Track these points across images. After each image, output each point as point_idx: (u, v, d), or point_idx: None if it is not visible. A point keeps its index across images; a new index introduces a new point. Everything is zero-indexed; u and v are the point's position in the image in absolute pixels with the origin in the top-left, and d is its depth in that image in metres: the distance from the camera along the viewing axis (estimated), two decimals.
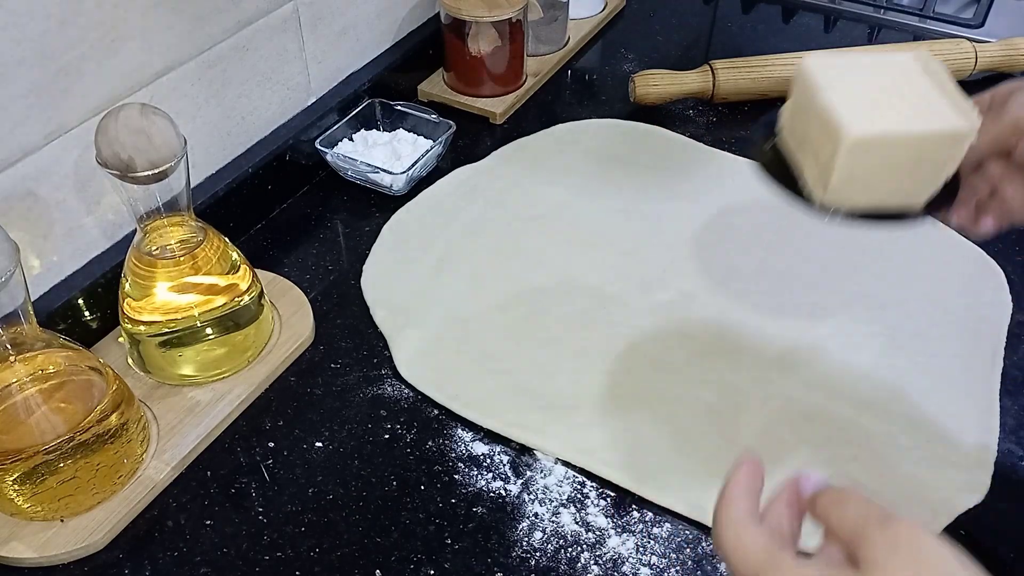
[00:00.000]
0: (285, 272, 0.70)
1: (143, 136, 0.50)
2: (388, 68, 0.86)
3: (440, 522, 0.54)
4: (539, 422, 0.59)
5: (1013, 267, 0.71)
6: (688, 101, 0.90)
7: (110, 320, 0.64)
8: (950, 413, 0.60)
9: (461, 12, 0.82)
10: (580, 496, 0.56)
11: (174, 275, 0.57)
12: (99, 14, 0.57)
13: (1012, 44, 0.92)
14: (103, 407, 0.52)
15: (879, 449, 0.58)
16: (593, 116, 0.88)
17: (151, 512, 0.55)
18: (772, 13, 1.07)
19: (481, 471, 0.57)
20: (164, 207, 0.55)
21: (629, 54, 0.98)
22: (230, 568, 0.52)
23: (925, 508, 0.55)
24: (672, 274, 0.70)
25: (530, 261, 0.72)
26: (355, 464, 0.58)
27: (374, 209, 0.77)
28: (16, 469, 0.50)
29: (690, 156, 0.83)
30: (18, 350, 0.50)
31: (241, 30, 0.69)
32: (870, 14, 1.05)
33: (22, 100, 0.55)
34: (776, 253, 0.72)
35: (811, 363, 0.63)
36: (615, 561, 0.52)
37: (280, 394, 0.62)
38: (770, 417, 0.60)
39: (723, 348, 0.65)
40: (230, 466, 0.57)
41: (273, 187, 0.76)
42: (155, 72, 0.63)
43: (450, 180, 0.80)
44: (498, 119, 0.87)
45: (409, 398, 0.62)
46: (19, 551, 0.51)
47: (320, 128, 0.78)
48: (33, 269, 0.59)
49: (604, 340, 0.65)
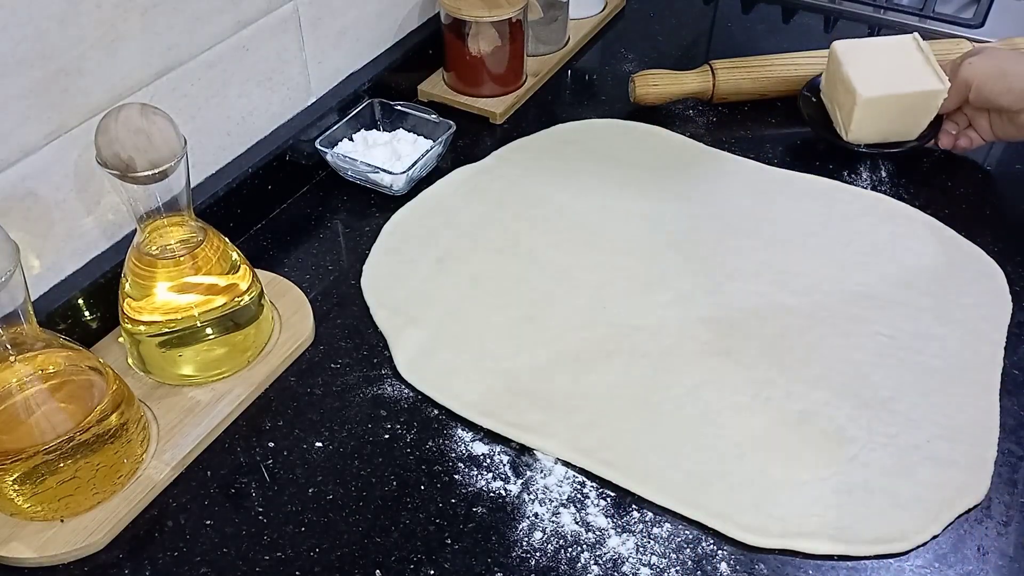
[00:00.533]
0: (285, 272, 0.70)
1: (143, 136, 0.50)
2: (388, 68, 0.86)
3: (440, 522, 0.54)
4: (539, 422, 0.59)
5: (1013, 267, 0.71)
6: (688, 101, 0.90)
7: (110, 320, 0.64)
8: (950, 413, 0.60)
9: (461, 12, 0.82)
10: (580, 496, 0.56)
11: (174, 275, 0.57)
12: (99, 14, 0.57)
13: (1012, 44, 0.91)
14: (103, 407, 0.52)
15: (879, 449, 0.58)
16: (593, 116, 0.88)
17: (151, 512, 0.55)
18: (772, 13, 1.07)
19: (481, 471, 0.57)
20: (164, 207, 0.55)
21: (629, 54, 0.98)
22: (230, 568, 0.52)
23: (925, 508, 0.55)
24: (672, 274, 0.70)
25: (530, 261, 0.72)
26: (355, 464, 0.58)
27: (374, 209, 0.77)
28: (16, 469, 0.50)
29: (690, 156, 0.83)
30: (18, 350, 0.50)
31: (241, 30, 0.69)
32: (870, 14, 1.05)
33: (22, 100, 0.55)
34: (776, 253, 0.72)
35: (811, 363, 0.63)
36: (615, 561, 0.52)
37: (280, 394, 0.62)
38: (770, 417, 0.60)
39: (723, 348, 0.65)
40: (230, 466, 0.57)
41: (273, 187, 0.76)
42: (155, 72, 0.63)
43: (450, 180, 0.80)
44: (498, 119, 0.87)
45: (409, 398, 0.62)
46: (19, 551, 0.51)
47: (320, 128, 0.78)
48: (33, 269, 0.59)
49: (604, 340, 0.65)
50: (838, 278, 0.70)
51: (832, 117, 0.82)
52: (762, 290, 0.69)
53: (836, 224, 0.75)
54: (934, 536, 0.54)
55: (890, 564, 0.53)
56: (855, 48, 0.80)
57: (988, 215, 0.77)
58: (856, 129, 0.78)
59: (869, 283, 0.70)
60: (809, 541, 0.53)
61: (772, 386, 0.62)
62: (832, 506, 0.55)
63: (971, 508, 0.55)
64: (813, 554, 0.53)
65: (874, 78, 0.76)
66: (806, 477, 0.56)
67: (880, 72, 0.77)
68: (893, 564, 0.53)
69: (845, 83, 0.77)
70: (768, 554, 0.53)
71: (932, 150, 0.84)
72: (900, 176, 0.81)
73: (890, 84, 0.77)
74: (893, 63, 0.78)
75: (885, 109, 0.77)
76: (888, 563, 0.53)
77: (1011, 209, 0.78)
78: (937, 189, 0.80)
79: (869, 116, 0.77)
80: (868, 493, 0.55)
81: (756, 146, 0.85)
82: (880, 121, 0.78)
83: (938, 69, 0.77)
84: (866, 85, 0.76)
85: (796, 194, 0.78)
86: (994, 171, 0.82)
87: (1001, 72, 0.73)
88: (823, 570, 0.52)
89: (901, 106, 0.77)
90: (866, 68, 0.77)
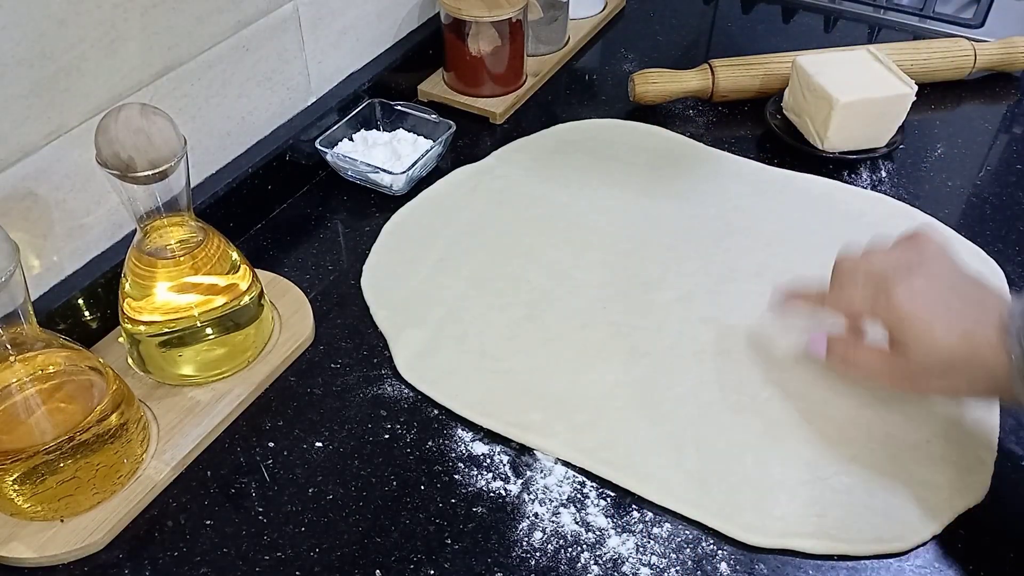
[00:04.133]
0: (285, 272, 0.70)
1: (143, 136, 0.50)
2: (388, 68, 0.86)
3: (440, 522, 0.54)
4: (539, 422, 0.59)
5: (1013, 267, 0.71)
6: (688, 101, 0.90)
7: (110, 320, 0.64)
8: (950, 413, 0.60)
9: (461, 12, 0.82)
10: (580, 496, 0.56)
11: (174, 275, 0.57)
12: (99, 14, 0.57)
13: (1011, 43, 0.92)
14: (103, 407, 0.52)
15: (879, 449, 0.58)
16: (593, 116, 0.88)
17: (151, 512, 0.55)
18: (772, 13, 1.07)
19: (481, 471, 0.57)
20: (164, 207, 0.54)
21: (629, 54, 0.98)
22: (230, 568, 0.52)
23: (925, 508, 0.55)
24: (672, 274, 0.70)
25: (530, 261, 0.72)
26: (355, 464, 0.58)
27: (374, 209, 0.77)
28: (16, 469, 0.50)
29: (690, 156, 0.83)
30: (18, 350, 0.50)
31: (241, 30, 0.69)
32: (870, 14, 1.05)
33: (22, 100, 0.55)
34: (776, 253, 0.72)
35: (811, 363, 0.63)
36: (615, 561, 0.52)
37: (280, 394, 0.62)
38: (770, 417, 0.60)
39: (723, 348, 0.65)
40: (230, 466, 0.57)
41: (273, 187, 0.76)
42: (155, 72, 0.63)
43: (450, 180, 0.80)
44: (498, 119, 0.87)
45: (409, 398, 0.62)
46: (19, 551, 0.51)
47: (320, 128, 0.78)
48: (33, 269, 0.59)
49: (604, 340, 0.65)
50: None
51: (803, 130, 0.83)
52: (762, 290, 0.69)
53: (836, 224, 0.75)
54: (934, 536, 0.54)
55: (890, 564, 0.53)
56: (818, 61, 0.81)
57: (988, 215, 0.77)
58: (833, 136, 0.79)
59: None
60: (809, 541, 0.53)
61: (772, 386, 0.62)
62: (832, 506, 0.55)
63: (971, 508, 0.55)
64: (813, 554, 0.53)
65: (845, 85, 0.78)
66: (806, 477, 0.56)
67: (849, 80, 0.79)
68: (893, 564, 0.53)
69: (818, 92, 0.79)
70: (768, 554, 0.53)
71: (932, 150, 0.84)
72: (900, 176, 0.81)
73: (862, 90, 0.78)
74: (857, 73, 0.81)
75: (859, 114, 0.78)
76: (888, 563, 0.53)
77: (1011, 209, 0.78)
78: (937, 189, 0.80)
79: (845, 122, 0.78)
80: (868, 493, 0.55)
81: (756, 146, 0.85)
82: (854, 127, 0.79)
83: (902, 75, 0.80)
84: (840, 91, 0.77)
85: (796, 194, 0.79)
86: (994, 171, 0.82)
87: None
88: (823, 570, 0.52)
89: (874, 111, 0.79)
90: (835, 77, 0.79)
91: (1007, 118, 0.89)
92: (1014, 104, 0.91)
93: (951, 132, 0.87)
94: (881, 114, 0.80)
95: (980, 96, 0.92)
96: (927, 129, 0.87)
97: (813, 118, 0.81)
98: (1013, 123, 0.89)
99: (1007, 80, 0.94)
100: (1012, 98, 0.92)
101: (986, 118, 0.89)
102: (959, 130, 0.87)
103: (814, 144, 0.82)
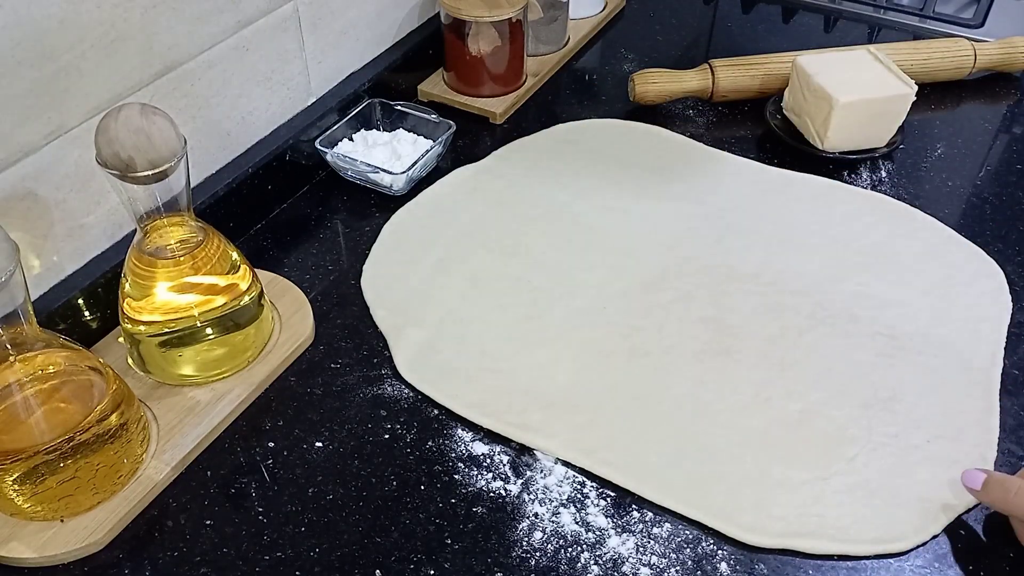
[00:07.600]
0: (285, 272, 0.70)
1: (143, 136, 0.50)
2: (388, 68, 0.86)
3: (440, 522, 0.54)
4: (539, 422, 0.59)
5: (1013, 267, 0.71)
6: (688, 101, 0.90)
7: (110, 320, 0.64)
8: (950, 413, 0.60)
9: (461, 12, 0.82)
10: (580, 496, 0.56)
11: (174, 275, 0.57)
12: (99, 14, 0.57)
13: (1011, 43, 0.92)
14: (103, 407, 0.52)
15: (879, 449, 0.58)
16: (593, 116, 0.88)
17: (151, 512, 0.55)
18: (772, 13, 1.07)
19: (481, 471, 0.57)
20: (164, 207, 0.54)
21: (629, 54, 0.98)
22: (230, 568, 0.52)
23: (925, 508, 0.55)
24: (672, 274, 0.70)
25: (530, 261, 0.72)
26: (355, 464, 0.58)
27: (374, 209, 0.77)
28: (16, 469, 0.50)
29: (690, 156, 0.83)
30: (18, 350, 0.50)
31: (241, 30, 0.69)
32: (870, 14, 1.05)
33: (22, 100, 0.55)
34: (776, 253, 0.72)
35: (811, 363, 0.63)
36: (615, 561, 0.52)
37: (280, 394, 0.62)
38: (770, 417, 0.60)
39: (723, 348, 0.65)
40: (230, 466, 0.57)
41: (273, 187, 0.76)
42: (155, 72, 0.63)
43: (450, 180, 0.80)
44: (498, 119, 0.87)
45: (409, 398, 0.62)
46: (19, 551, 0.51)
47: (320, 128, 0.78)
48: (33, 269, 0.59)
49: (604, 340, 0.65)
50: (838, 278, 0.70)
51: (803, 130, 0.83)
52: (762, 290, 0.69)
53: (836, 224, 0.75)
54: (934, 536, 0.54)
55: (890, 564, 0.53)
56: (818, 61, 0.82)
57: (988, 215, 0.77)
58: (833, 136, 0.79)
59: (869, 283, 0.70)
60: (809, 541, 0.53)
61: (772, 386, 0.62)
62: (832, 506, 0.55)
63: (971, 508, 0.55)
64: (813, 554, 0.53)
65: (845, 85, 0.78)
66: (806, 477, 0.56)
67: (849, 80, 0.79)
68: (893, 564, 0.53)
69: (818, 92, 0.79)
70: (768, 554, 0.53)
71: (933, 150, 0.84)
72: (900, 176, 0.81)
73: (862, 90, 0.78)
74: (858, 73, 0.81)
75: (860, 114, 0.79)
76: (888, 563, 0.53)
77: (1011, 209, 0.78)
78: (937, 189, 0.80)
79: (845, 122, 0.78)
80: (868, 493, 0.55)
81: (756, 146, 0.85)
82: (854, 127, 0.79)
83: (901, 75, 0.80)
84: (840, 91, 0.77)
85: (796, 194, 0.79)
86: (994, 171, 0.82)
87: None
88: (823, 570, 0.52)
89: (874, 111, 0.79)
90: (835, 77, 0.79)
91: (1007, 118, 0.89)
92: (1014, 104, 0.91)
93: (951, 132, 0.87)
94: (881, 114, 0.80)
95: (980, 96, 0.92)
96: (927, 129, 0.87)
97: (813, 118, 0.81)
98: (1013, 123, 0.89)
99: (1007, 80, 0.94)
100: (1012, 98, 0.92)
101: (986, 118, 0.89)
102: (959, 130, 0.87)
103: (814, 144, 0.82)
